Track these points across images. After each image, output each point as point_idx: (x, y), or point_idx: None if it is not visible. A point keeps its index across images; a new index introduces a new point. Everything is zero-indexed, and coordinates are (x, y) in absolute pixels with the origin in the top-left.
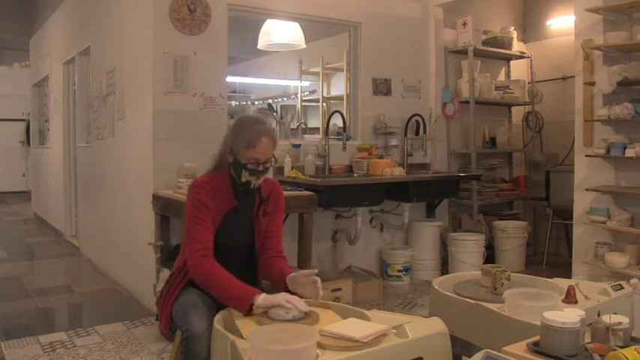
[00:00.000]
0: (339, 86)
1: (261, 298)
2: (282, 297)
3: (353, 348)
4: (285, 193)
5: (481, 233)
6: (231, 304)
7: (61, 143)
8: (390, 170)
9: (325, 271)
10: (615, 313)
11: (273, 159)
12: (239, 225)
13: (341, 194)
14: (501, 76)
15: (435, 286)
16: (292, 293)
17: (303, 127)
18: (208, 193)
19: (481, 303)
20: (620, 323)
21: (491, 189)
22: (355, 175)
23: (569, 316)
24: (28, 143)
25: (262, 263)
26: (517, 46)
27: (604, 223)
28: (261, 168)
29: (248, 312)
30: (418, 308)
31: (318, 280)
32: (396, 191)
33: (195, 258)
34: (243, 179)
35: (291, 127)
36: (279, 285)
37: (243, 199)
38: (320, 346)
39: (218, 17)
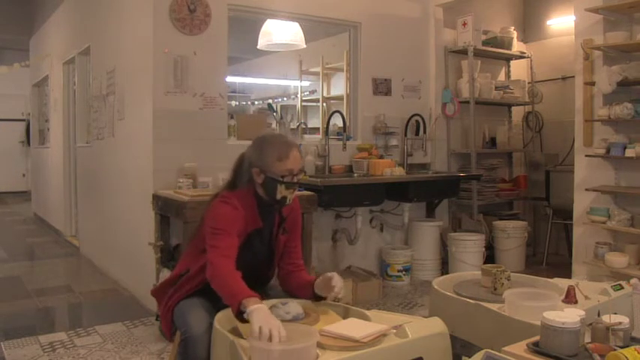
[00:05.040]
0: (339, 86)
1: (249, 310)
2: (258, 322)
3: (353, 348)
4: None
5: (481, 233)
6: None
7: (61, 143)
8: (390, 170)
9: (325, 271)
10: (615, 313)
11: (302, 171)
12: (259, 244)
13: (341, 194)
14: (501, 76)
15: (435, 286)
16: (321, 297)
17: (303, 127)
18: (237, 210)
19: (481, 303)
20: (620, 323)
21: (491, 189)
22: (355, 175)
23: (569, 316)
24: (28, 143)
25: (282, 277)
26: (517, 46)
27: (604, 223)
28: (295, 180)
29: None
30: (418, 308)
31: (334, 276)
32: (396, 191)
33: (217, 257)
34: (279, 196)
35: (291, 127)
36: (302, 294)
37: (267, 220)
38: (320, 346)
39: (218, 17)
